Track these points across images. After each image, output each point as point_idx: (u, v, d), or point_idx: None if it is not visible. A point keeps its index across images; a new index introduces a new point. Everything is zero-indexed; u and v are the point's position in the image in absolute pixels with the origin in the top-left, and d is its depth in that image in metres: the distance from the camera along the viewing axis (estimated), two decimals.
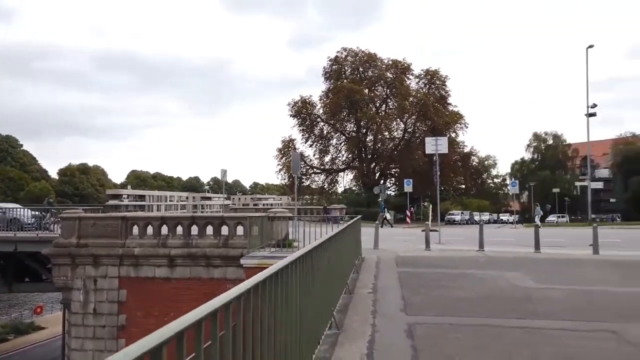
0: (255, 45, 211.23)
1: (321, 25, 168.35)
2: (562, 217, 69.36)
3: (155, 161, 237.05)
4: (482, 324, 5.36)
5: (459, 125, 48.90)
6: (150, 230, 14.97)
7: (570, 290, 7.35)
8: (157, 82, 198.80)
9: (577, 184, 49.24)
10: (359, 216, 13.02)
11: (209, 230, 14.66)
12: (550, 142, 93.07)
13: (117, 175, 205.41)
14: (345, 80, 49.75)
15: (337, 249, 6.13)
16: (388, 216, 32.69)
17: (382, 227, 33.06)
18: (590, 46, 33.64)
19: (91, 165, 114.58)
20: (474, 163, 65.59)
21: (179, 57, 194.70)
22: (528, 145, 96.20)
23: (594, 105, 34.02)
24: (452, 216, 52.18)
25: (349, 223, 8.83)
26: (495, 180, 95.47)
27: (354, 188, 55.14)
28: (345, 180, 55.25)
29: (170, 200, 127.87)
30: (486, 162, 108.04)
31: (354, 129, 51.09)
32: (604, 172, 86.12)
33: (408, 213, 36.97)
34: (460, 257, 12.61)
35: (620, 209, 70.39)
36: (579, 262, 11.67)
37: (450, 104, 50.00)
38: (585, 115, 34.01)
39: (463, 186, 67.05)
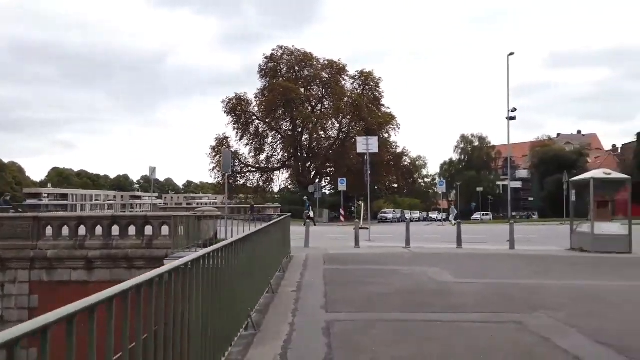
0: (189, 42, 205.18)
1: (258, 23, 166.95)
2: (486, 214, 73.42)
3: (81, 159, 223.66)
4: (399, 319, 5.43)
5: (392, 126, 50.40)
6: (66, 231, 14.01)
7: (485, 283, 7.69)
8: (85, 76, 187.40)
9: (499, 183, 52.39)
10: (288, 214, 12.91)
11: (132, 230, 13.98)
12: (476, 143, 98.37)
13: (37, 173, 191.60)
14: (281, 79, 49.58)
15: (258, 247, 5.98)
16: (312, 214, 32.98)
17: (304, 225, 33.16)
18: (511, 54, 35.81)
19: (6, 162, 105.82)
20: (406, 163, 67.81)
21: (109, 51, 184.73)
22: (456, 147, 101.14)
23: (514, 110, 36.25)
24: (385, 214, 53.67)
25: (272, 222, 8.69)
26: (426, 179, 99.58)
27: (290, 187, 55.12)
28: (281, 179, 55.14)
29: (96, 200, 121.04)
30: (417, 162, 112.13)
31: (290, 127, 51.08)
32: (523, 173, 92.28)
33: (342, 212, 37.44)
34: (387, 253, 12.87)
35: (537, 207, 75.51)
36: (496, 257, 12.30)
37: (383, 105, 51.43)
38: (506, 118, 36.17)
39: (396, 185, 69.07)
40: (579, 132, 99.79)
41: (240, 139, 50.42)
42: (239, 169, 50.75)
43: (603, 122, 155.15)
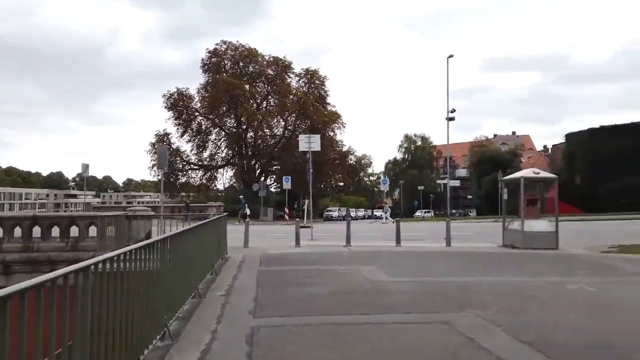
0: (130, 34, 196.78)
1: (203, 17, 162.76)
2: (428, 212, 75.75)
3: (10, 155, 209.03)
4: (328, 322, 5.26)
5: (337, 125, 50.58)
6: None
7: (418, 282, 7.70)
8: (14, 67, 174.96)
9: (439, 181, 54.02)
10: (224, 214, 12.48)
11: (55, 231, 13.01)
12: (419, 143, 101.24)
13: None
14: (225, 74, 48.49)
15: (182, 248, 5.60)
16: (248, 212, 32.62)
17: (239, 222, 32.78)
18: (450, 56, 36.72)
19: None
20: (352, 162, 68.52)
21: (42, 40, 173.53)
22: (400, 146, 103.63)
23: (453, 110, 37.26)
24: (330, 213, 53.95)
25: (202, 222, 8.29)
26: (371, 178, 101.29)
27: (234, 185, 54.08)
28: (225, 177, 53.99)
29: (26, 199, 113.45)
30: (363, 161, 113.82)
31: (234, 124, 50.11)
32: (462, 172, 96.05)
33: (286, 210, 37.15)
34: (326, 252, 12.76)
35: (475, 205, 78.76)
36: (432, 254, 12.51)
37: (329, 103, 51.56)
38: (446, 119, 37.24)
39: (342, 184, 69.68)
40: (513, 133, 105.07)
41: (182, 136, 48.92)
42: (180, 166, 49.17)
43: (536, 124, 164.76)
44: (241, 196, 37.33)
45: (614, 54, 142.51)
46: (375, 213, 76.36)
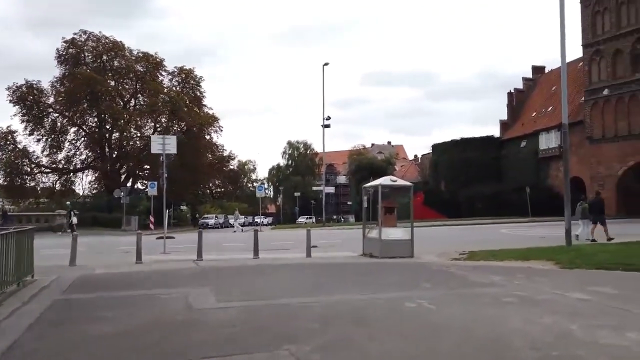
0: None
1: (73, 8, 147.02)
2: (310, 218, 76.45)
3: None
4: None
5: (214, 128, 48.33)
6: None
7: (248, 307, 6.54)
8: None
9: (314, 188, 54.55)
10: (30, 227, 10.20)
11: None
12: (302, 150, 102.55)
13: None
14: (85, 68, 43.53)
15: None
16: (75, 220, 29.52)
17: (61, 233, 29.52)
18: (326, 64, 37.50)
19: None
20: (233, 167, 66.54)
21: None
22: (283, 152, 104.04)
23: (329, 118, 38.00)
24: (206, 220, 51.33)
25: None
26: (255, 184, 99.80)
27: (95, 191, 48.76)
28: (85, 182, 48.47)
29: None
30: (246, 167, 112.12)
31: (96, 124, 45.17)
32: (342, 179, 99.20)
33: (151, 218, 34.06)
34: (168, 270, 11.13)
35: (354, 211, 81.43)
36: (287, 267, 11.56)
37: (205, 105, 49.12)
38: (322, 126, 37.60)
39: (222, 189, 67.38)
40: (389, 142, 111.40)
41: (31, 134, 42.70)
42: (28, 169, 42.96)
43: (409, 135, 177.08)
44: (68, 202, 33.38)
45: (472, 75, 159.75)
46: (256, 220, 75.10)
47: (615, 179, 38.16)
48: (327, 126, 37.95)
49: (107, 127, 45.09)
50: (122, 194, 35.38)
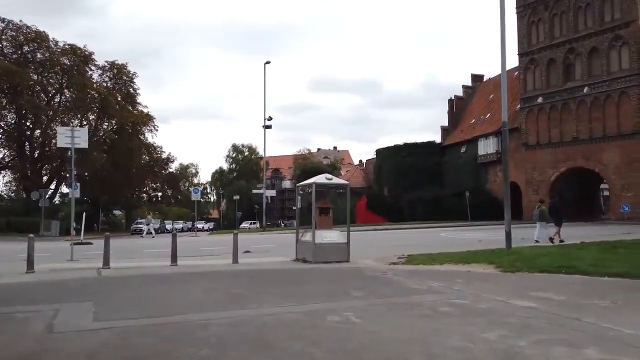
0: None
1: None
2: (254, 223, 74.41)
3: None
4: None
5: (149, 127, 45.58)
6: None
7: (131, 328, 5.16)
8: None
9: (254, 191, 52.99)
10: None
11: None
12: (247, 153, 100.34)
13: None
14: (3, 59, 39.65)
15: None
16: None
17: None
18: (267, 62, 36.25)
19: None
20: (172, 170, 63.69)
21: None
22: (227, 156, 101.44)
23: (270, 118, 36.67)
24: (139, 225, 48.26)
25: None
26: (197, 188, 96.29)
27: (13, 193, 44.53)
28: (1, 184, 44.18)
29: None
30: (188, 170, 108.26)
31: (15, 120, 41.25)
32: (287, 183, 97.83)
33: (73, 224, 31.15)
34: (58, 280, 9.41)
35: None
36: (207, 275, 10.16)
37: (139, 103, 46.26)
38: (263, 126, 36.23)
39: (160, 193, 64.23)
40: (335, 147, 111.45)
41: None
42: None
43: (356, 142, 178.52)
44: None
45: (414, 86, 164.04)
46: (197, 225, 72.00)
47: (549, 184, 39.45)
48: (269, 127, 36.64)
49: (28, 124, 41.29)
50: (39, 196, 32.18)
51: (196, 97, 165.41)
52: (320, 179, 12.36)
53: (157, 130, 46.27)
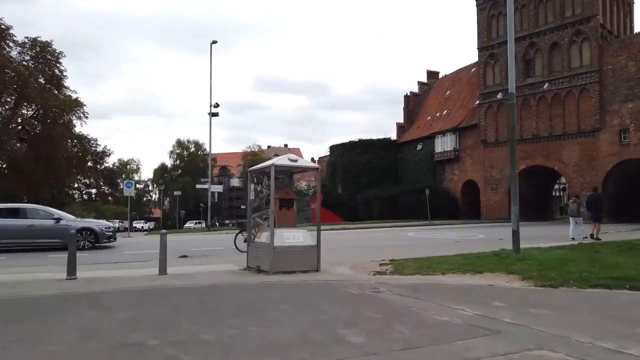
0: None
1: None
2: (200, 222, 69.91)
3: None
4: None
5: (77, 115, 40.38)
6: None
7: None
8: None
9: (198, 186, 48.98)
10: None
11: None
12: (193, 149, 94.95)
13: None
14: None
15: None
16: None
17: None
18: (214, 42, 32.69)
19: None
20: (111, 165, 58.12)
21: None
22: (171, 152, 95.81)
23: (217, 105, 33.12)
24: None
25: None
26: (138, 185, 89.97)
27: None
28: None
29: None
30: (128, 166, 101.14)
31: None
32: (236, 181, 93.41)
33: None
34: None
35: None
36: (100, 298, 6.83)
37: (67, 87, 40.83)
38: (209, 114, 32.61)
39: (94, 190, 58.34)
40: (285, 145, 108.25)
41: None
42: None
43: (305, 143, 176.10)
44: None
45: (359, 90, 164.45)
46: (135, 225, 66.67)
47: (507, 183, 38.32)
48: (216, 114, 33.00)
49: None
50: None
51: (138, 92, 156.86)
52: (283, 160, 9.24)
53: (87, 117, 41.09)
